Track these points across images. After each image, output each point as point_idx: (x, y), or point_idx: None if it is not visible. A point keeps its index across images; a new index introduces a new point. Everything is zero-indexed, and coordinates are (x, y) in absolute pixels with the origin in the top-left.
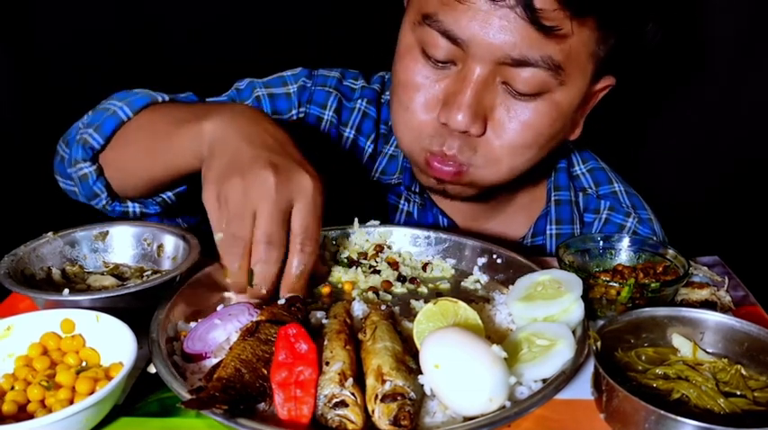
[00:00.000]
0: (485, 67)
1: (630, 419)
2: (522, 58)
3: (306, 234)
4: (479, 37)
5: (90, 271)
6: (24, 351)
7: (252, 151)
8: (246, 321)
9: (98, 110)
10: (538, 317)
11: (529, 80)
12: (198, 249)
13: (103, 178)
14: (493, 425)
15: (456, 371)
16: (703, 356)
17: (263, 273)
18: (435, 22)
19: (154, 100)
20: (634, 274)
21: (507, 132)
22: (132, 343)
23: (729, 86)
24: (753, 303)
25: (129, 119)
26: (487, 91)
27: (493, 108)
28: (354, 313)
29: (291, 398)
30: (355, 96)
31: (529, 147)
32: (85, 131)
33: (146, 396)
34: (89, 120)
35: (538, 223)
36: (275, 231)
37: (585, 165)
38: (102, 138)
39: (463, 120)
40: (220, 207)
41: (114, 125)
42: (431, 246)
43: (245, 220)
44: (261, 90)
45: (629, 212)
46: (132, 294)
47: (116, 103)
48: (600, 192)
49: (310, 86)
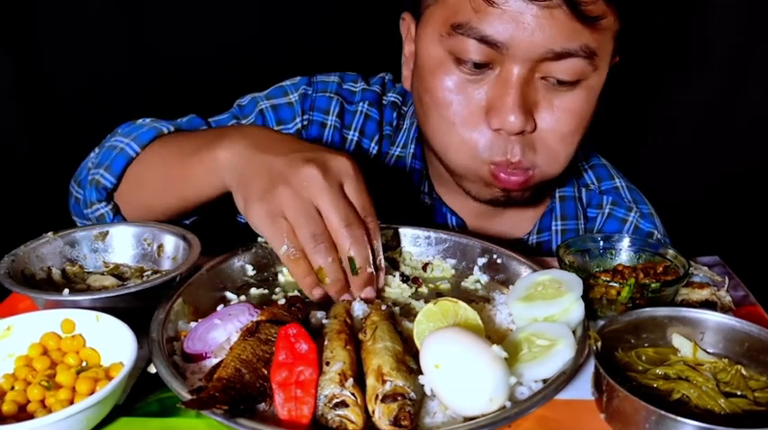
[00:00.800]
0: (524, 65)
1: (631, 419)
2: (563, 50)
3: (365, 210)
4: (518, 38)
5: (90, 271)
6: (24, 351)
7: (283, 159)
8: (246, 321)
9: (105, 148)
10: (538, 317)
11: (568, 70)
12: (198, 249)
13: (120, 216)
14: (493, 425)
15: (456, 371)
16: (704, 356)
17: (361, 254)
18: (470, 29)
19: (160, 132)
20: (634, 274)
21: (557, 123)
22: (132, 343)
23: (730, 87)
24: (753, 303)
25: (138, 154)
26: (530, 88)
27: (537, 104)
28: (354, 313)
29: (291, 398)
30: (356, 99)
31: (577, 134)
32: (96, 172)
33: (146, 396)
34: (98, 160)
35: (543, 219)
36: (348, 212)
37: (588, 162)
38: (114, 178)
39: (516, 120)
40: (275, 221)
41: (124, 163)
42: (431, 246)
43: (314, 218)
44: (264, 103)
45: (631, 207)
46: (132, 294)
47: (123, 140)
48: (602, 188)
49: (311, 94)
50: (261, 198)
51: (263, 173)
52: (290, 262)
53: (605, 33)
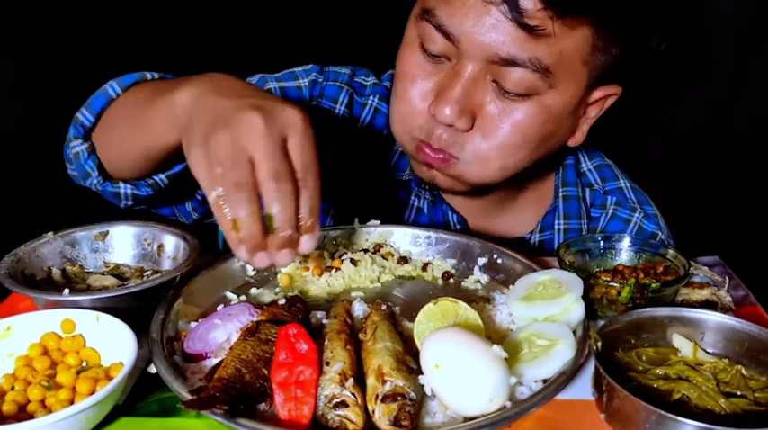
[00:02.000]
0: (476, 64)
1: (631, 419)
2: (511, 57)
3: (306, 168)
4: (471, 34)
5: (90, 271)
6: (24, 351)
7: (231, 102)
8: (247, 321)
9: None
10: (538, 317)
11: (517, 81)
12: (198, 249)
13: (95, 156)
14: (493, 425)
15: (456, 371)
16: (704, 356)
17: (283, 211)
18: (433, 17)
19: (144, 77)
20: (634, 274)
21: (495, 131)
22: (132, 343)
23: (730, 87)
24: (753, 303)
25: (119, 96)
26: (477, 88)
27: (482, 106)
28: (355, 313)
29: (292, 398)
30: (367, 92)
31: (518, 148)
32: (80, 111)
33: (146, 396)
34: (88, 101)
35: (546, 218)
36: (280, 166)
37: (592, 162)
38: (92, 116)
39: (450, 114)
40: (209, 165)
41: (103, 102)
42: (431, 246)
43: (243, 166)
44: (272, 83)
45: (635, 208)
46: (132, 294)
47: (111, 82)
48: (606, 188)
49: (321, 81)
50: (200, 141)
51: (207, 115)
52: (214, 207)
53: (570, 54)
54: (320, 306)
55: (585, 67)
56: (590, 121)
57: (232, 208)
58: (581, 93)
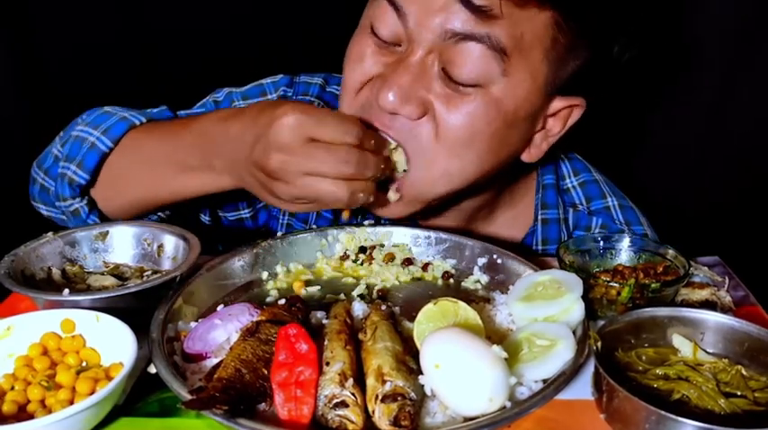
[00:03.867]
0: (425, 47)
1: (631, 420)
2: (467, 32)
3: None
4: (419, 7)
5: (90, 271)
6: (24, 351)
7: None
8: (247, 321)
9: (72, 137)
10: (538, 317)
11: (469, 62)
12: (198, 249)
13: (96, 211)
14: (493, 425)
15: (456, 371)
16: (704, 356)
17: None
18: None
19: (132, 124)
20: (634, 275)
21: (442, 123)
22: (132, 343)
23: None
24: (753, 303)
25: (112, 150)
26: (425, 75)
27: (429, 98)
28: (355, 313)
29: (292, 398)
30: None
31: (466, 147)
32: (67, 167)
33: (146, 396)
34: (67, 151)
35: (525, 241)
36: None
37: (577, 178)
38: (88, 174)
39: (393, 100)
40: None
41: (97, 159)
42: (431, 246)
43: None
44: (238, 100)
45: (623, 230)
46: (132, 294)
47: (92, 132)
48: (591, 208)
49: (291, 96)
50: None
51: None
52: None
53: (530, 41)
54: (320, 306)
55: (545, 63)
56: (551, 139)
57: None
58: (537, 93)
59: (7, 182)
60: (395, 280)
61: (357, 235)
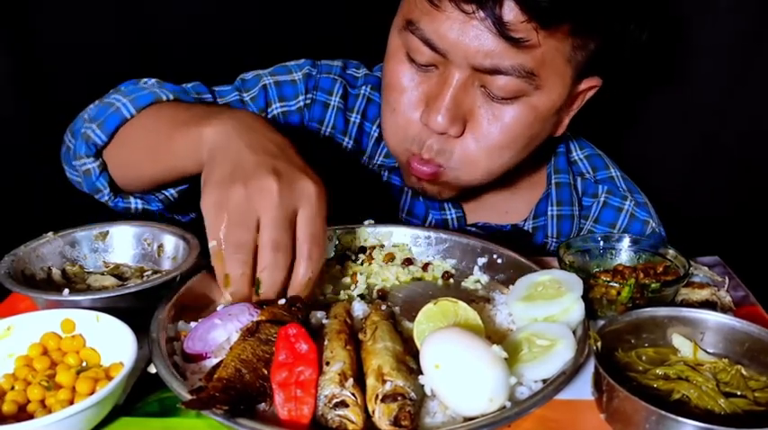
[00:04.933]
0: (463, 72)
1: (631, 420)
2: (494, 67)
3: (312, 241)
4: (456, 46)
5: (90, 271)
6: (24, 351)
7: (254, 158)
8: (247, 321)
9: (104, 102)
10: (538, 317)
11: (503, 87)
12: (198, 249)
13: (106, 174)
14: (493, 425)
15: (456, 371)
16: (704, 356)
17: (272, 279)
18: (417, 29)
19: (158, 98)
20: (634, 274)
21: (485, 134)
22: (132, 343)
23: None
24: (753, 303)
25: (133, 116)
26: (467, 94)
27: (472, 111)
28: (355, 313)
29: (292, 398)
30: (359, 83)
31: (506, 149)
32: (89, 127)
33: (146, 396)
34: (94, 114)
35: (539, 205)
36: (282, 237)
37: (583, 152)
38: (105, 135)
39: (442, 122)
40: (218, 213)
41: (117, 122)
42: (431, 246)
43: (248, 227)
44: (267, 79)
45: (626, 196)
46: (132, 294)
47: (121, 99)
48: (597, 177)
49: (315, 74)
50: (217, 186)
51: (229, 162)
52: (213, 256)
53: (552, 55)
54: (320, 306)
55: (569, 65)
56: (572, 113)
57: (228, 265)
58: (567, 90)
59: (7, 182)
60: (395, 280)
61: (357, 235)
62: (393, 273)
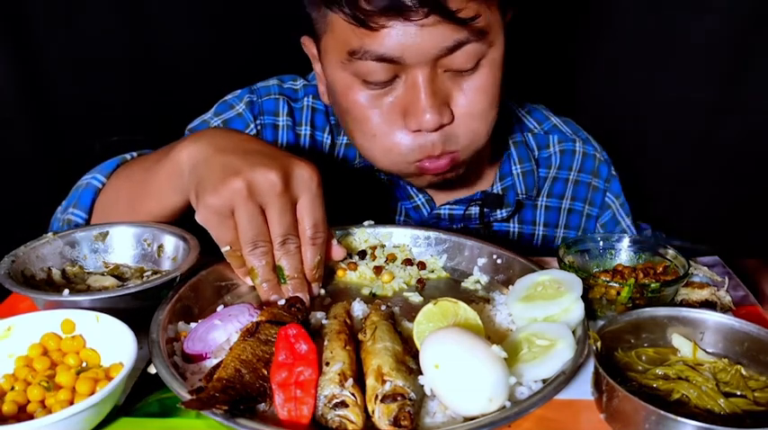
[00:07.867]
0: (425, 68)
1: (630, 419)
2: (456, 42)
3: (316, 227)
4: (412, 49)
5: (90, 271)
6: (24, 351)
7: (241, 155)
8: (247, 322)
9: (72, 189)
10: (538, 317)
11: (465, 58)
12: (198, 249)
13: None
14: (493, 425)
15: (456, 371)
16: (703, 356)
17: (292, 265)
18: (365, 53)
19: (123, 159)
20: (634, 274)
21: (471, 106)
22: (132, 343)
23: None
24: (753, 303)
25: (104, 185)
26: (437, 83)
27: (450, 93)
28: (354, 313)
29: (291, 398)
30: (300, 95)
31: (492, 107)
32: (66, 213)
33: (146, 396)
34: (66, 203)
35: (503, 167)
36: (290, 227)
37: (523, 108)
38: (84, 212)
39: (432, 118)
40: (221, 222)
41: (92, 195)
42: (431, 246)
43: (258, 224)
44: (214, 120)
45: (574, 138)
46: (132, 294)
47: (86, 176)
48: (545, 128)
49: (256, 99)
50: (213, 191)
51: (217, 166)
52: (230, 258)
53: (490, 10)
54: (320, 306)
55: (498, 11)
56: None
57: (249, 260)
58: (503, 31)
59: (7, 182)
60: (403, 284)
61: (357, 235)
62: (397, 284)
